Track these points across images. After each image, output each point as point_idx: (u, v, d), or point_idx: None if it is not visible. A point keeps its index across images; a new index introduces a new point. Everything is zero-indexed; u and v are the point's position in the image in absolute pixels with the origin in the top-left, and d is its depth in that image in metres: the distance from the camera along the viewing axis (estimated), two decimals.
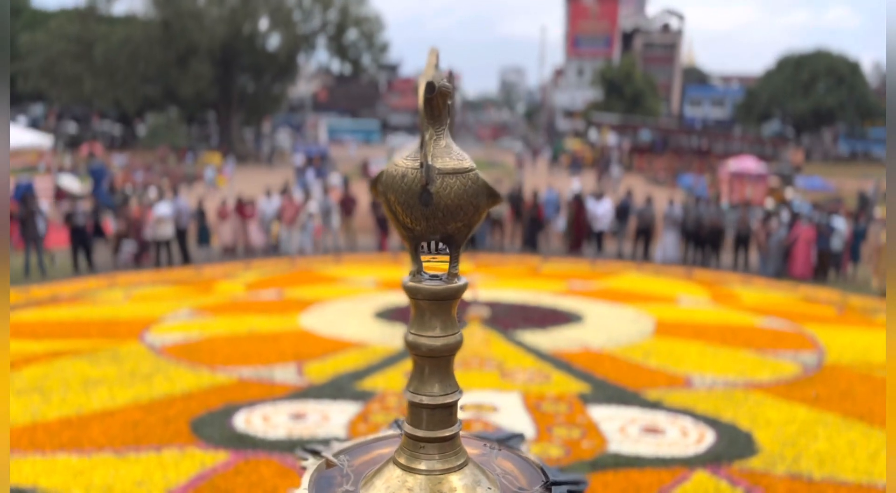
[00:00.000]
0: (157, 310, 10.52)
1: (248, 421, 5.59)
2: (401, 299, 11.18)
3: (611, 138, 48.56)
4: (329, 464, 1.00)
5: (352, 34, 50.86)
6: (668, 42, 75.83)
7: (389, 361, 7.69)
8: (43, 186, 22.93)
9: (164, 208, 14.88)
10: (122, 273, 14.15)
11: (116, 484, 4.32)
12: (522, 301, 11.25)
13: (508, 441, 1.08)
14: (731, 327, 9.91)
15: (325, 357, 7.81)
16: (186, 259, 15.36)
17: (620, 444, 5.25)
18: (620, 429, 5.59)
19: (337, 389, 6.57)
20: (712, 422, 5.84)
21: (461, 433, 0.96)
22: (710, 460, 4.93)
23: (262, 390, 6.56)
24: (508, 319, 9.85)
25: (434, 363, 0.90)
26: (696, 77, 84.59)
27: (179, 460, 4.72)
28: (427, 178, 0.79)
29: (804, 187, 36.92)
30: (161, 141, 46.46)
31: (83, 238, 14.67)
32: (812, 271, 14.99)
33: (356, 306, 10.76)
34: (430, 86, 0.79)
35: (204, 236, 16.84)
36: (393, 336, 8.76)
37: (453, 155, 0.83)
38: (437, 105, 0.82)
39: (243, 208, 16.88)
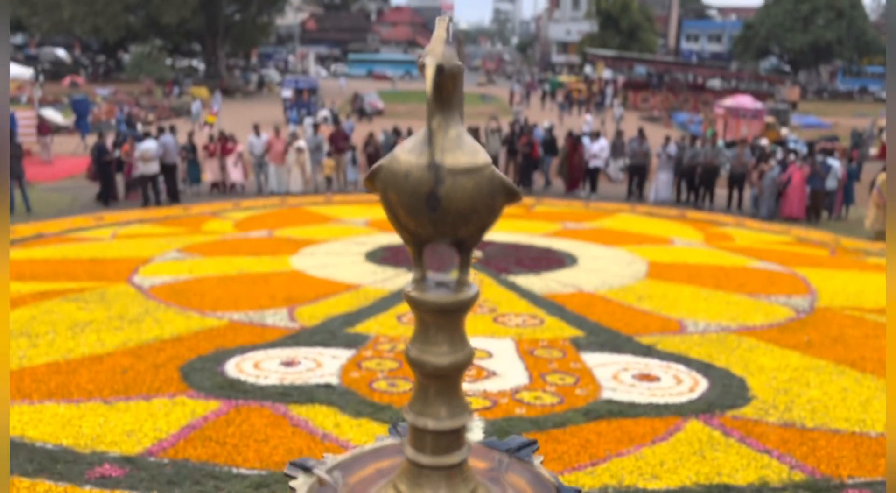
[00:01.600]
0: (144, 250, 10.37)
1: (240, 368, 5.54)
2: (393, 239, 11.07)
3: (606, 74, 47.79)
4: (321, 482, 0.89)
5: None
6: None
7: (381, 304, 7.63)
8: (25, 119, 22.42)
9: (149, 144, 14.55)
10: (109, 211, 13.95)
11: (106, 434, 4.27)
12: (516, 243, 11.17)
13: (519, 452, 0.97)
14: (725, 270, 9.89)
15: (317, 300, 7.74)
16: (174, 197, 15.12)
17: (614, 391, 5.24)
18: (614, 376, 5.57)
19: (329, 333, 6.52)
20: (705, 369, 5.84)
21: (471, 442, 0.85)
22: (703, 408, 4.93)
23: (253, 335, 6.50)
24: (502, 261, 9.78)
25: (441, 384, 0.79)
26: (694, 9, 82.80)
27: (170, 409, 4.67)
28: (435, 179, 0.65)
29: (800, 125, 36.64)
30: (145, 73, 45.33)
31: (108, 173, 14.59)
32: (805, 212, 14.93)
33: (347, 248, 10.65)
34: (440, 69, 0.65)
35: (194, 174, 16.52)
36: (385, 279, 8.69)
37: (466, 148, 0.70)
38: (448, 88, 0.68)
39: (226, 145, 16.55)
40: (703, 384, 5.45)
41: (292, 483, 0.88)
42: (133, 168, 15.16)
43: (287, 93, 33.97)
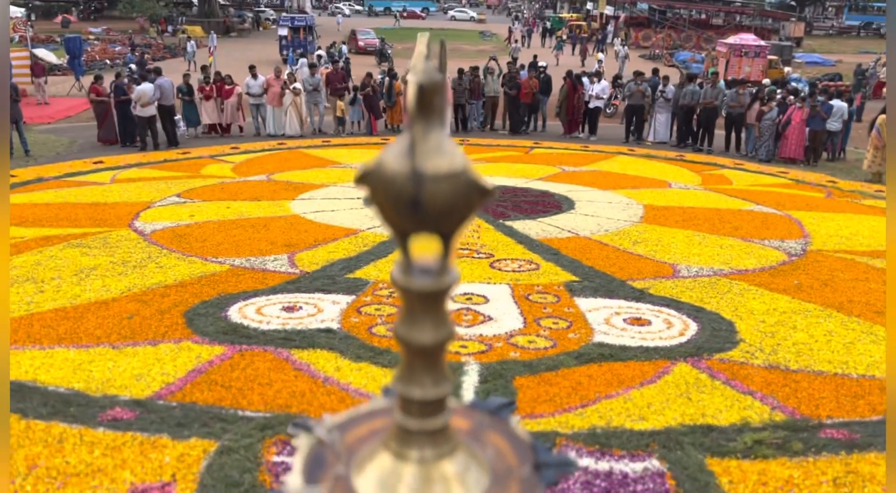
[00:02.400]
0: (144, 194, 10.44)
1: (243, 313, 5.69)
2: None
3: (608, 10, 46.79)
4: (321, 442, 1.00)
5: None
6: None
7: (380, 249, 7.74)
8: (19, 60, 22.12)
9: (146, 87, 14.43)
10: (107, 155, 13.95)
11: (115, 378, 4.44)
12: (514, 186, 11.22)
13: (498, 412, 1.08)
14: (720, 213, 9.97)
15: (316, 246, 7.85)
16: (172, 140, 15.08)
17: (606, 335, 5.40)
18: (606, 320, 5.73)
19: (328, 279, 6.65)
20: (696, 312, 5.99)
21: (455, 406, 0.96)
22: (691, 352, 5.10)
23: (255, 281, 6.63)
24: (500, 205, 9.86)
25: (425, 358, 0.89)
26: None
27: (176, 354, 4.83)
28: (417, 185, 0.74)
29: (803, 63, 36.14)
30: (138, 10, 44.41)
31: (128, 114, 14.70)
32: (804, 153, 14.92)
33: (346, 192, 10.71)
34: (421, 88, 0.72)
35: (191, 117, 16.39)
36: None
37: (445, 155, 0.78)
38: (429, 101, 0.76)
39: (223, 87, 16.39)
40: (692, 328, 5.61)
41: (294, 442, 0.99)
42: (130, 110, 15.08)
43: (283, 31, 33.37)
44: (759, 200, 10.94)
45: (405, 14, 61.50)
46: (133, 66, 25.50)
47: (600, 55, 29.88)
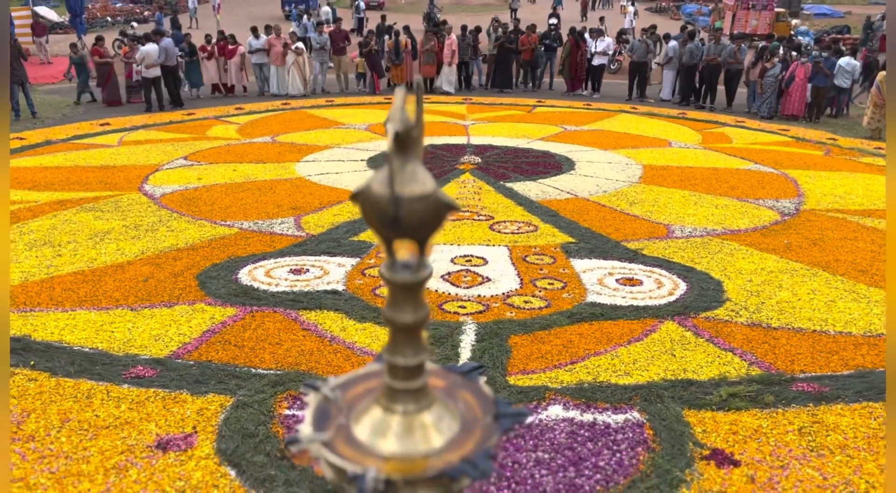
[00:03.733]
0: (152, 156, 10.65)
1: (252, 276, 5.96)
2: None
3: None
4: (327, 398, 1.26)
5: None
6: None
7: None
8: (20, 19, 22.10)
9: (151, 48, 14.50)
10: (112, 116, 14.11)
11: (136, 338, 4.73)
12: (515, 147, 11.38)
13: (469, 374, 1.34)
14: (718, 173, 10.15)
15: (322, 209, 8.09)
16: (176, 101, 15.20)
17: (598, 295, 5.66)
18: (599, 280, 5.98)
19: (334, 242, 6.90)
20: (686, 272, 6.23)
21: (433, 369, 1.22)
22: (678, 311, 5.36)
23: (263, 244, 6.89)
24: (501, 167, 10.05)
25: (407, 334, 1.14)
26: None
27: (191, 315, 5.12)
28: (395, 207, 0.98)
29: (812, 14, 35.68)
30: None
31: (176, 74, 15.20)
32: (805, 109, 14.98)
33: (349, 154, 10.90)
34: (397, 134, 0.96)
35: (195, 77, 16.48)
36: None
37: (418, 180, 1.02)
38: (405, 143, 0.99)
39: (226, 46, 16.44)
40: (682, 288, 5.87)
41: (305, 399, 1.25)
42: (134, 72, 15.20)
43: None
44: (758, 159, 11.10)
45: None
46: (135, 24, 25.42)
47: (631, 8, 29.49)
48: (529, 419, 3.74)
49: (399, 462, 1.15)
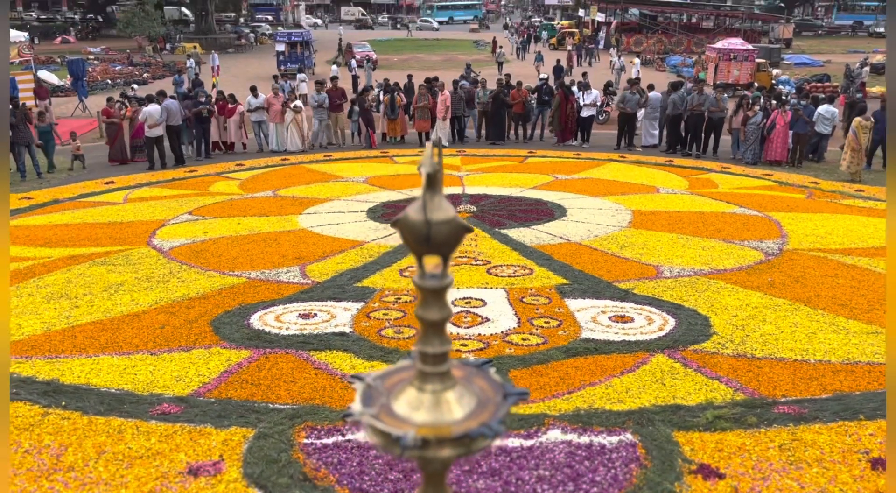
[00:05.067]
0: (158, 212, 11.03)
1: (263, 321, 6.28)
2: (392, 197, 11.73)
3: (599, 17, 47.49)
4: (369, 386, 1.60)
5: None
6: None
7: (385, 259, 8.33)
8: (24, 83, 22.77)
9: (154, 109, 15.03)
10: (117, 175, 14.54)
11: (158, 380, 5.02)
12: (509, 195, 11.82)
13: (482, 366, 1.68)
14: (704, 216, 10.56)
15: (325, 257, 8.44)
16: (179, 159, 15.64)
17: (592, 332, 5.99)
18: (593, 318, 6.31)
19: (339, 288, 7.24)
20: (675, 309, 6.57)
21: (453, 363, 1.56)
22: (668, 344, 5.68)
23: (271, 291, 7.22)
24: (496, 214, 10.46)
25: (434, 329, 1.48)
26: None
27: (208, 358, 5.42)
28: (427, 229, 1.34)
29: (792, 64, 36.82)
30: (137, 30, 45.17)
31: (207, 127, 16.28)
32: (788, 155, 15.53)
33: (349, 205, 11.31)
34: (430, 176, 1.32)
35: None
36: (387, 235, 9.37)
37: (443, 208, 1.37)
38: (435, 181, 1.35)
39: (226, 105, 17.00)
40: (671, 323, 6.20)
41: (353, 386, 1.59)
42: (141, 132, 15.71)
43: (280, 47, 34.04)
44: (743, 203, 11.54)
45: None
46: (135, 86, 26.16)
47: (636, 60, 30.71)
48: (530, 442, 4.03)
49: (430, 428, 1.48)
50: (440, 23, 69.49)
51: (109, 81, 32.29)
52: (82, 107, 24.62)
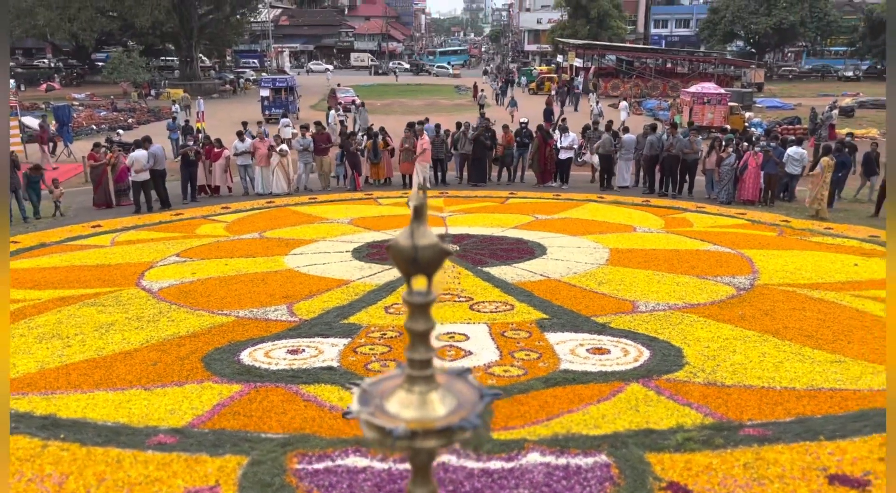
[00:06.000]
0: (145, 255, 11.21)
1: (253, 356, 6.48)
2: (376, 237, 12.01)
3: (577, 62, 48.69)
4: (365, 390, 1.86)
5: None
6: None
7: (370, 297, 8.57)
8: (8, 128, 22.98)
9: (139, 154, 15.25)
10: (103, 218, 14.71)
11: (153, 413, 5.20)
12: (491, 235, 12.15)
13: (462, 374, 1.95)
14: (679, 254, 10.93)
15: (312, 296, 8.67)
16: (165, 203, 15.84)
17: (571, 363, 6.25)
18: (571, 351, 6.58)
19: (326, 325, 7.46)
20: (650, 341, 6.86)
21: (437, 369, 1.84)
22: (643, 374, 5.95)
23: (259, 329, 7.43)
24: (478, 253, 10.76)
25: (420, 338, 1.76)
26: None
27: (200, 392, 5.61)
28: (414, 253, 1.62)
29: (764, 107, 37.93)
30: (122, 76, 45.71)
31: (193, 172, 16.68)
32: (760, 195, 16.04)
33: (335, 245, 11.57)
34: (416, 208, 1.61)
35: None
36: (372, 274, 9.62)
37: (428, 236, 1.66)
38: (421, 212, 1.64)
39: (212, 150, 17.32)
40: (646, 355, 6.48)
41: (351, 391, 1.85)
42: (124, 176, 15.95)
43: (265, 92, 34.60)
44: (716, 241, 11.93)
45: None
46: (121, 131, 26.48)
47: (623, 103, 31.79)
48: (510, 465, 4.25)
49: (418, 422, 1.74)
50: (439, 67, 73.49)
51: (94, 127, 32.57)
52: (67, 152, 24.86)
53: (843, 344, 6.85)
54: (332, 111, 27.74)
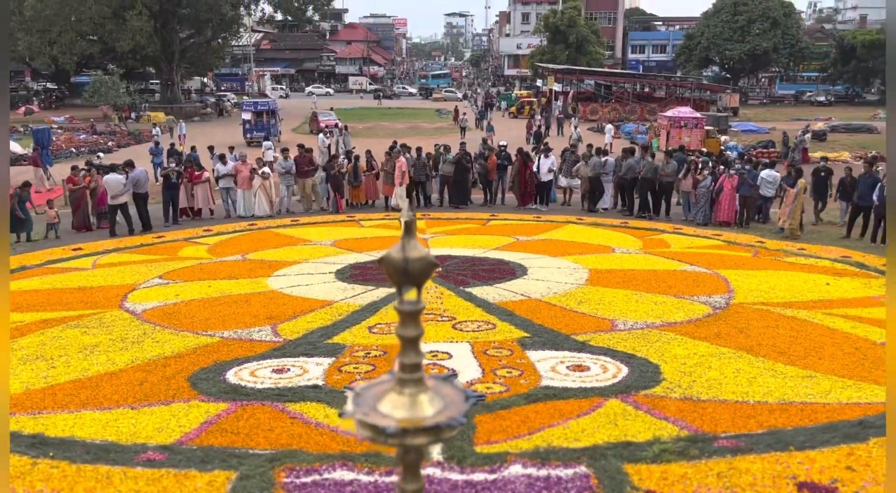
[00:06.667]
0: (128, 277, 11.23)
1: (239, 376, 6.56)
2: (359, 258, 12.13)
3: (556, 86, 49.39)
4: (357, 393, 2.00)
5: None
6: None
7: (353, 317, 8.68)
8: (8, 143, 22.86)
9: (115, 178, 15.20)
10: (83, 242, 14.69)
11: (140, 431, 5.27)
12: (472, 256, 12.32)
13: (449, 378, 2.10)
14: (657, 274, 11.16)
15: (296, 317, 8.76)
16: (146, 226, 15.81)
17: (551, 380, 6.40)
18: (552, 368, 6.74)
19: (310, 345, 7.56)
20: (628, 359, 7.03)
21: (426, 374, 1.98)
22: (621, 389, 6.12)
23: (244, 349, 7.51)
24: (460, 274, 10.92)
25: (411, 343, 1.90)
26: (640, 20, 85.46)
27: (187, 410, 5.68)
28: (405, 265, 1.77)
29: (739, 131, 38.69)
30: (102, 99, 45.68)
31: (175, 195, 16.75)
32: (735, 216, 16.39)
33: (318, 267, 11.68)
34: (407, 224, 1.77)
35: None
36: (355, 295, 9.73)
37: (417, 249, 1.81)
38: (411, 228, 1.80)
39: (193, 172, 17.38)
40: (624, 371, 6.65)
41: (346, 394, 1.98)
42: (105, 199, 15.92)
43: (246, 115, 34.74)
44: (693, 261, 12.19)
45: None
46: (101, 155, 26.43)
47: (608, 126, 32.43)
48: (493, 476, 4.38)
49: (408, 421, 1.88)
50: (447, 91, 75.55)
51: (74, 150, 32.48)
52: (47, 176, 24.77)
53: (814, 360, 7.07)
54: (322, 135, 27.97)
